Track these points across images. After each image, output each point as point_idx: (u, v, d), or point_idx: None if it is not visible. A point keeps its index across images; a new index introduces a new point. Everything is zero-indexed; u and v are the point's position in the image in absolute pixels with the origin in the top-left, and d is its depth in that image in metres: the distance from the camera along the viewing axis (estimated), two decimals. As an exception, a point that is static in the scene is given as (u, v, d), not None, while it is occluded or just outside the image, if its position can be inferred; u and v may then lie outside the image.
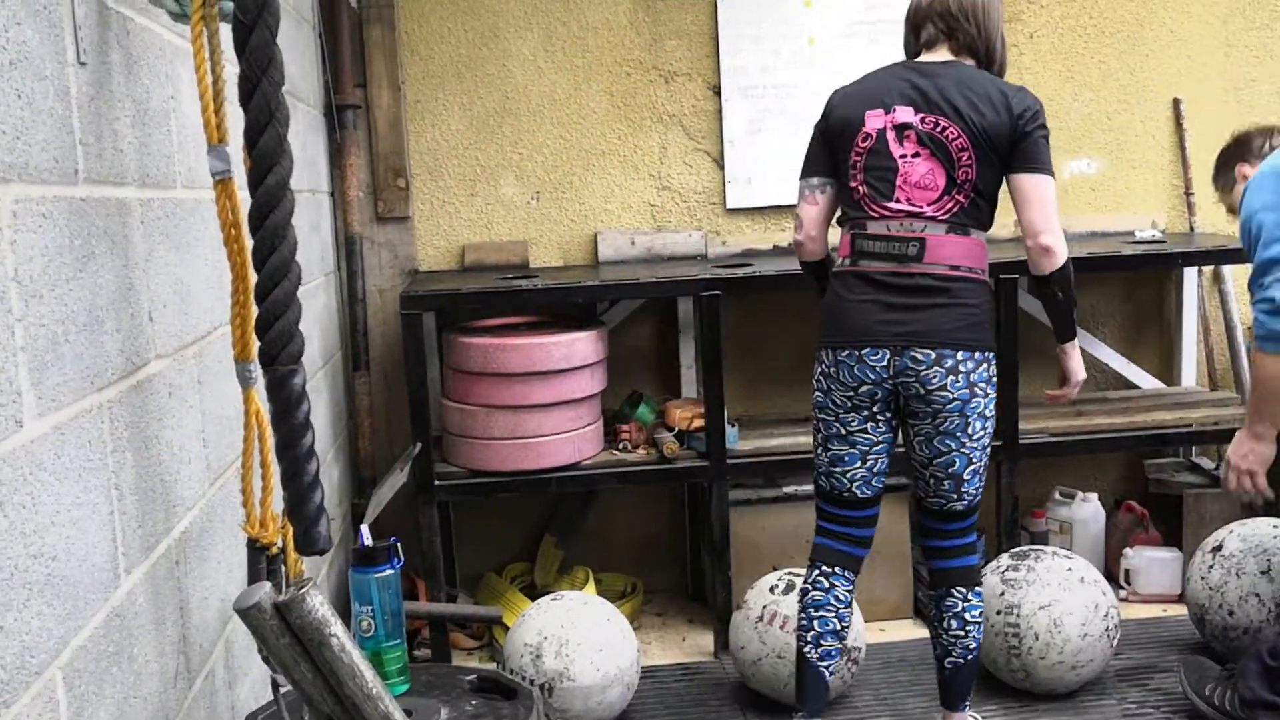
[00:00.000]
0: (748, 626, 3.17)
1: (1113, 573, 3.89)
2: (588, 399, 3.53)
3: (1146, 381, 4.23)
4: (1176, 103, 4.21)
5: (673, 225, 4.07)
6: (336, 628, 1.51)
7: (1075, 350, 2.79)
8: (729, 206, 4.08)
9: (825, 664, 2.70)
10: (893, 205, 2.59)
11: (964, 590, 2.71)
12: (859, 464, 2.69)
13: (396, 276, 3.95)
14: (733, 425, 3.63)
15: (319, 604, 1.50)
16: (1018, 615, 3.10)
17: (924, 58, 2.69)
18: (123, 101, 1.66)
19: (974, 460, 2.64)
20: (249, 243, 1.62)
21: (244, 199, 1.62)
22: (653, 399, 3.80)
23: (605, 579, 3.98)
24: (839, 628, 2.71)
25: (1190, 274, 4.18)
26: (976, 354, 2.59)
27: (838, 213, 2.74)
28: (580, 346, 3.46)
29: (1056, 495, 4.05)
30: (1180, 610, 3.73)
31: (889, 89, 2.64)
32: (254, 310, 1.62)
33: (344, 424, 3.81)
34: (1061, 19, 4.16)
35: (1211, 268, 4.23)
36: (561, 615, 3.11)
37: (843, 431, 2.68)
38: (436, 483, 3.47)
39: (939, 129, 2.57)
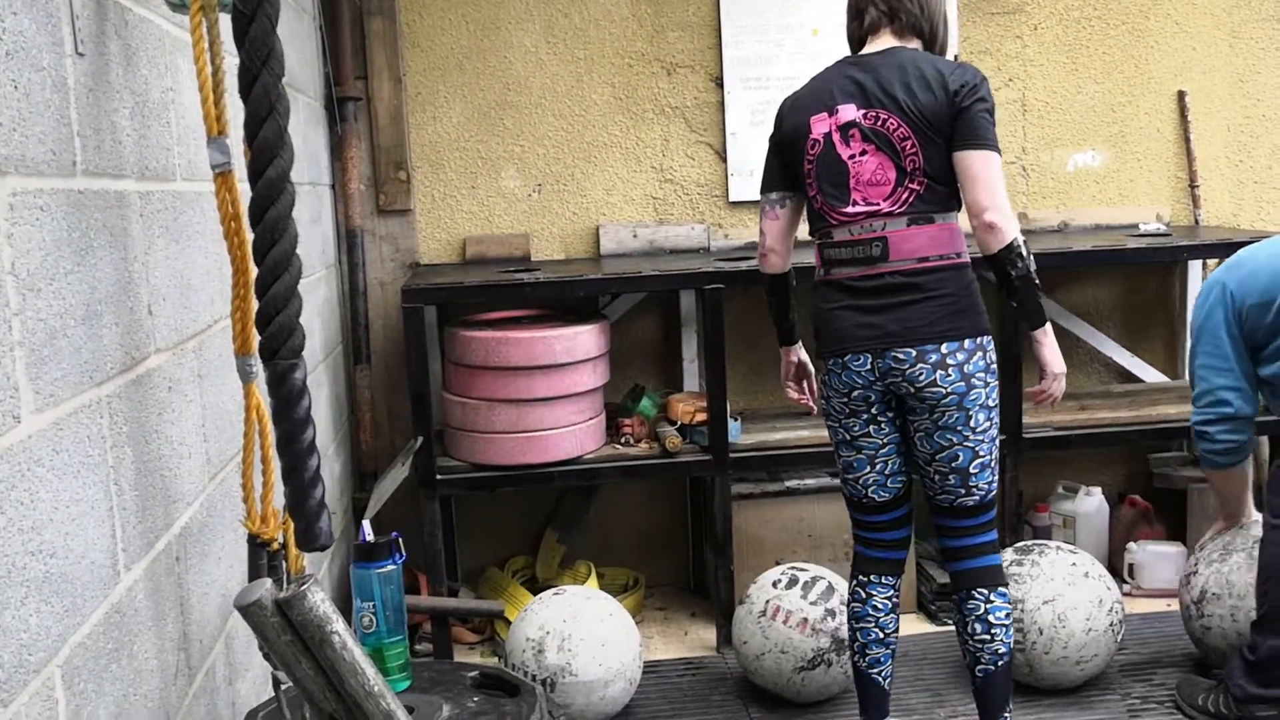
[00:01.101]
0: (750, 621, 3.16)
1: (1116, 567, 3.88)
2: (590, 393, 3.52)
3: (1150, 375, 4.22)
4: (1181, 95, 4.19)
5: (675, 218, 4.05)
6: (338, 624, 1.50)
7: (1048, 339, 2.61)
8: (731, 199, 4.06)
9: (875, 670, 2.70)
10: (850, 209, 2.57)
11: (985, 591, 2.61)
12: (868, 468, 2.67)
13: (398, 270, 3.93)
14: (735, 419, 3.61)
15: (320, 600, 1.48)
16: (1021, 610, 3.09)
17: (868, 48, 2.64)
18: (121, 93, 1.64)
19: (979, 453, 2.58)
20: (249, 236, 1.60)
21: (244, 191, 1.61)
22: (655, 393, 3.78)
23: (607, 573, 3.97)
24: (882, 635, 2.69)
25: (1195, 267, 4.17)
26: (966, 342, 2.51)
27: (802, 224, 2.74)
28: (582, 340, 3.44)
29: (1060, 489, 4.03)
30: (1184, 605, 3.72)
31: (830, 90, 2.60)
32: (254, 304, 1.61)
33: (345, 418, 3.79)
34: (1066, 10, 4.14)
35: (1216, 260, 4.21)
36: (564, 610, 3.10)
37: (848, 437, 2.68)
38: (438, 477, 3.46)
39: (879, 122, 2.54)
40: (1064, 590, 3.10)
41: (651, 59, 3.98)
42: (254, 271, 1.60)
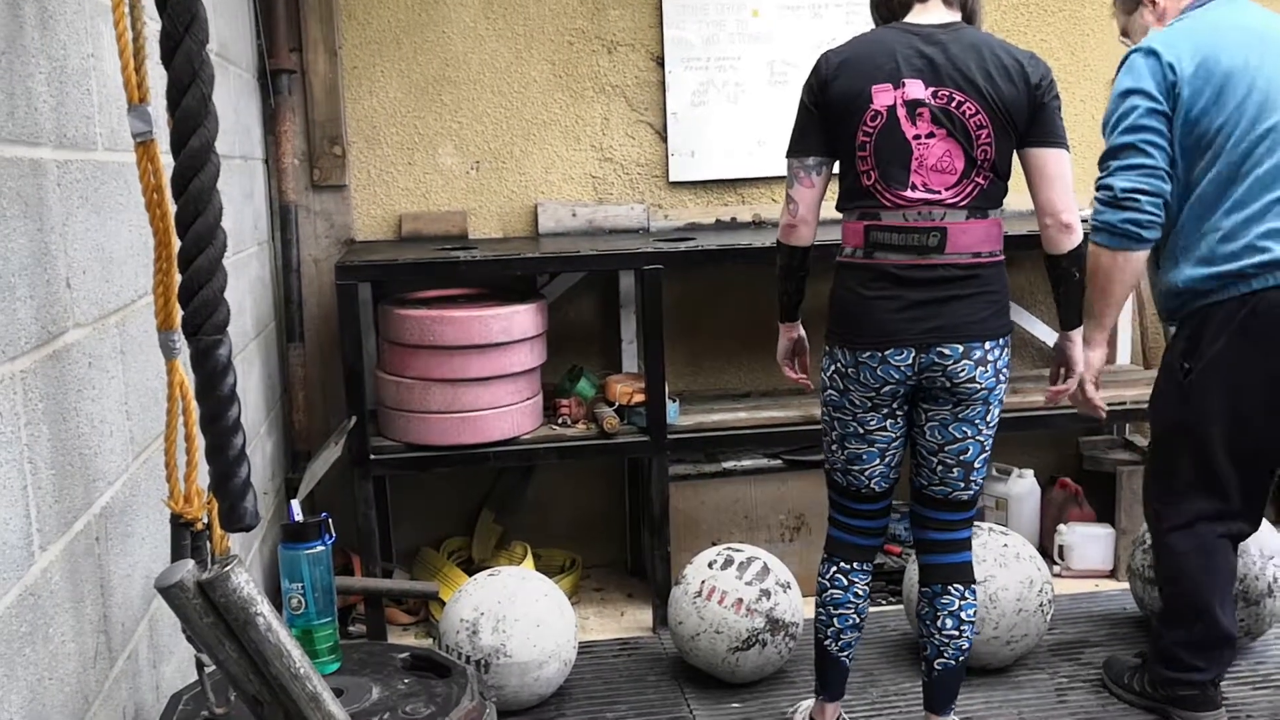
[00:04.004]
0: (686, 601, 3.16)
1: (1047, 548, 3.94)
2: (527, 373, 3.49)
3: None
4: (1116, 83, 4.24)
5: (614, 198, 4.02)
6: (262, 606, 1.47)
7: (1080, 339, 2.65)
8: (672, 179, 4.04)
9: (845, 654, 2.71)
10: (908, 194, 2.41)
11: (961, 588, 2.60)
12: (878, 461, 2.59)
13: (332, 246, 3.87)
14: (673, 400, 3.61)
15: (244, 582, 1.45)
16: (954, 590, 3.12)
17: (919, 17, 2.46)
18: (37, 58, 1.58)
19: (986, 448, 2.56)
20: (172, 208, 1.56)
21: (168, 162, 1.57)
22: (593, 373, 3.76)
23: (544, 554, 3.95)
24: (858, 620, 2.69)
25: (1126, 253, 4.22)
26: (1001, 340, 2.50)
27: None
28: (519, 320, 3.41)
29: (993, 471, 4.08)
30: (1112, 585, 3.79)
31: (895, 59, 2.41)
32: (177, 278, 1.57)
33: (278, 397, 3.73)
34: (1004, -4, 4.17)
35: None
36: (498, 591, 3.08)
37: (861, 431, 2.56)
38: (372, 457, 3.42)
39: (954, 104, 2.39)
40: (996, 571, 3.13)
41: (592, 36, 3.95)
42: (177, 244, 1.56)
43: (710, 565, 3.19)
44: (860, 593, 2.69)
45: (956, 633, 2.61)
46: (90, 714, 1.66)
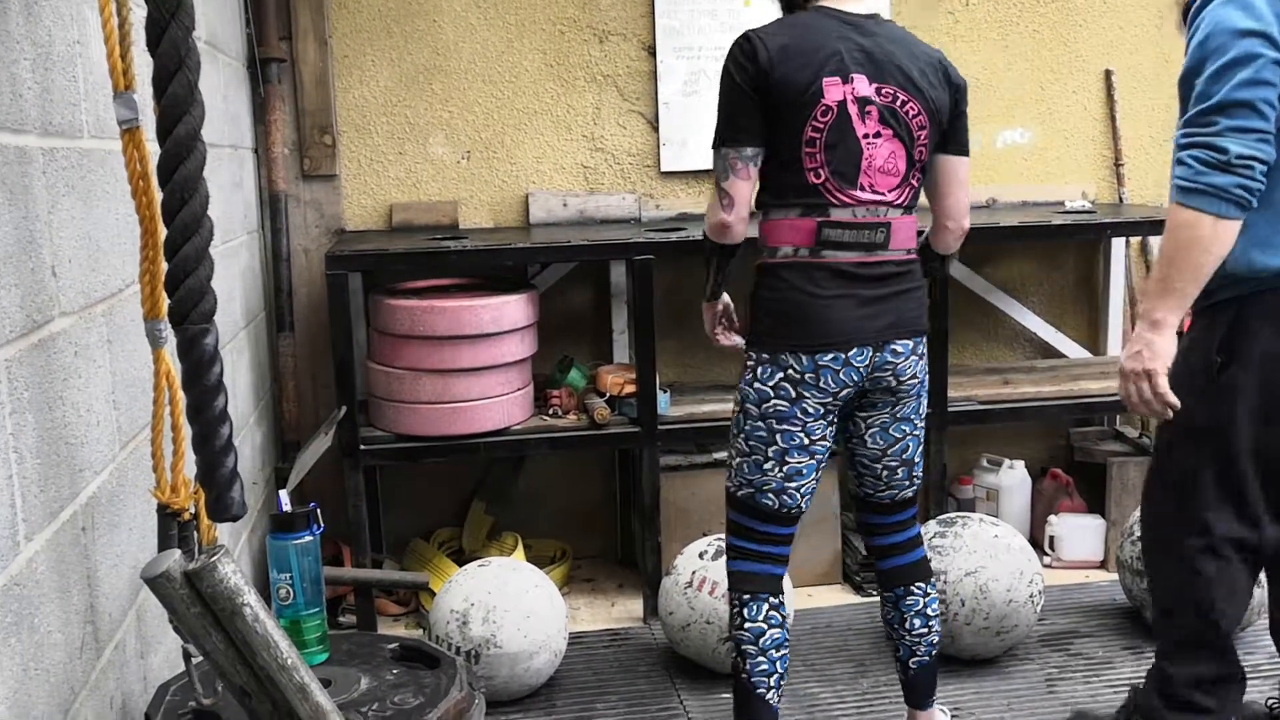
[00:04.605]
0: (676, 592, 3.16)
1: (1037, 539, 3.94)
2: (518, 363, 3.48)
3: (1073, 350, 4.28)
4: (1108, 74, 4.24)
5: (606, 188, 4.01)
6: (249, 597, 1.46)
7: None
8: (663, 169, 4.03)
9: (779, 706, 2.49)
10: (857, 193, 2.34)
11: (924, 585, 2.59)
12: (814, 473, 2.44)
13: (322, 236, 3.85)
14: (664, 391, 3.60)
15: (230, 572, 1.45)
16: (944, 581, 3.13)
17: (841, 4, 2.39)
18: (22, 44, 1.57)
19: (921, 440, 2.55)
20: (158, 195, 1.55)
21: (154, 150, 1.56)
22: (584, 364, 3.76)
23: (535, 545, 3.95)
24: (788, 661, 2.51)
25: (1118, 244, 4.23)
26: (925, 334, 2.51)
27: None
28: (510, 310, 3.41)
29: (984, 463, 4.09)
30: (1102, 576, 3.80)
31: (837, 50, 2.32)
32: (164, 266, 1.56)
33: (267, 386, 3.72)
34: (997, -13, 4.16)
35: (1139, 239, 4.28)
36: (489, 581, 3.07)
37: (806, 441, 2.40)
38: (362, 447, 3.41)
39: (898, 104, 2.34)
40: (986, 562, 3.14)
41: (583, 26, 3.93)
42: (163, 233, 1.55)
43: (701, 556, 3.19)
44: (788, 625, 2.51)
45: (926, 629, 2.60)
46: (77, 704, 1.66)
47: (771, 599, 2.46)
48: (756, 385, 2.40)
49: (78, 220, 1.78)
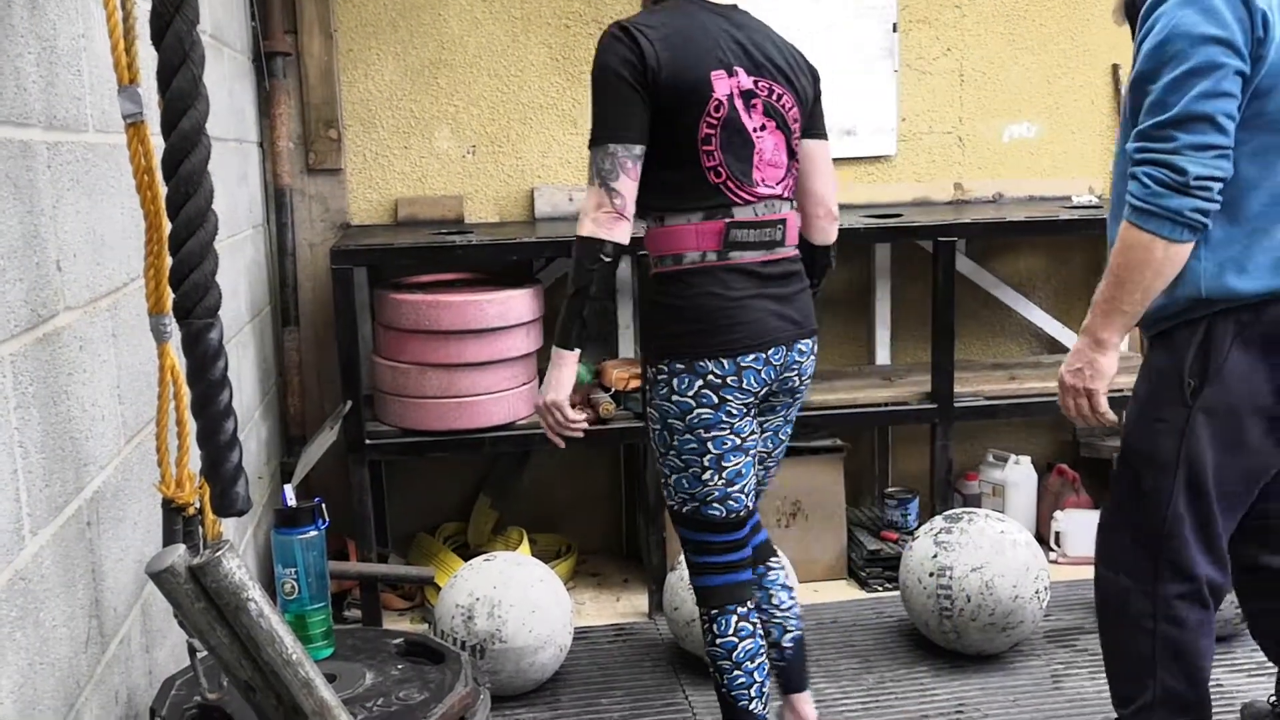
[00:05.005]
0: (682, 587, 3.16)
1: (1044, 535, 3.94)
2: (523, 358, 3.48)
3: (1080, 346, 4.26)
4: (1115, 69, 4.22)
5: (611, 182, 4.00)
6: (254, 592, 1.46)
7: None
8: (669, 164, 4.02)
9: (766, 706, 2.42)
10: (755, 189, 2.29)
11: (775, 559, 2.61)
12: (751, 470, 2.38)
13: (328, 230, 3.85)
14: (670, 386, 3.59)
15: (235, 567, 1.44)
16: (950, 577, 3.12)
17: None
18: (26, 38, 1.56)
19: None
20: (163, 190, 1.54)
21: (158, 144, 1.55)
22: (589, 359, 3.75)
23: (540, 539, 3.95)
24: (767, 666, 2.44)
25: (1125, 240, 4.21)
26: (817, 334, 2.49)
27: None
28: (515, 304, 3.40)
29: (990, 458, 4.08)
30: (1108, 572, 3.78)
31: (719, 43, 2.25)
32: (168, 261, 1.56)
33: (273, 381, 3.72)
34: (1004, -19, 4.15)
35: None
36: (494, 576, 3.07)
37: (739, 441, 2.33)
38: (368, 442, 3.41)
39: (775, 97, 2.30)
40: (992, 558, 3.13)
41: (589, 19, 3.92)
42: (168, 227, 1.55)
43: (706, 551, 3.18)
44: (762, 634, 2.44)
45: (791, 600, 2.60)
46: (82, 698, 1.66)
47: (739, 609, 2.39)
48: (675, 398, 2.30)
49: (82, 214, 1.78)
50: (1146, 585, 2.22)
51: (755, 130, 2.28)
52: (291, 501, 2.01)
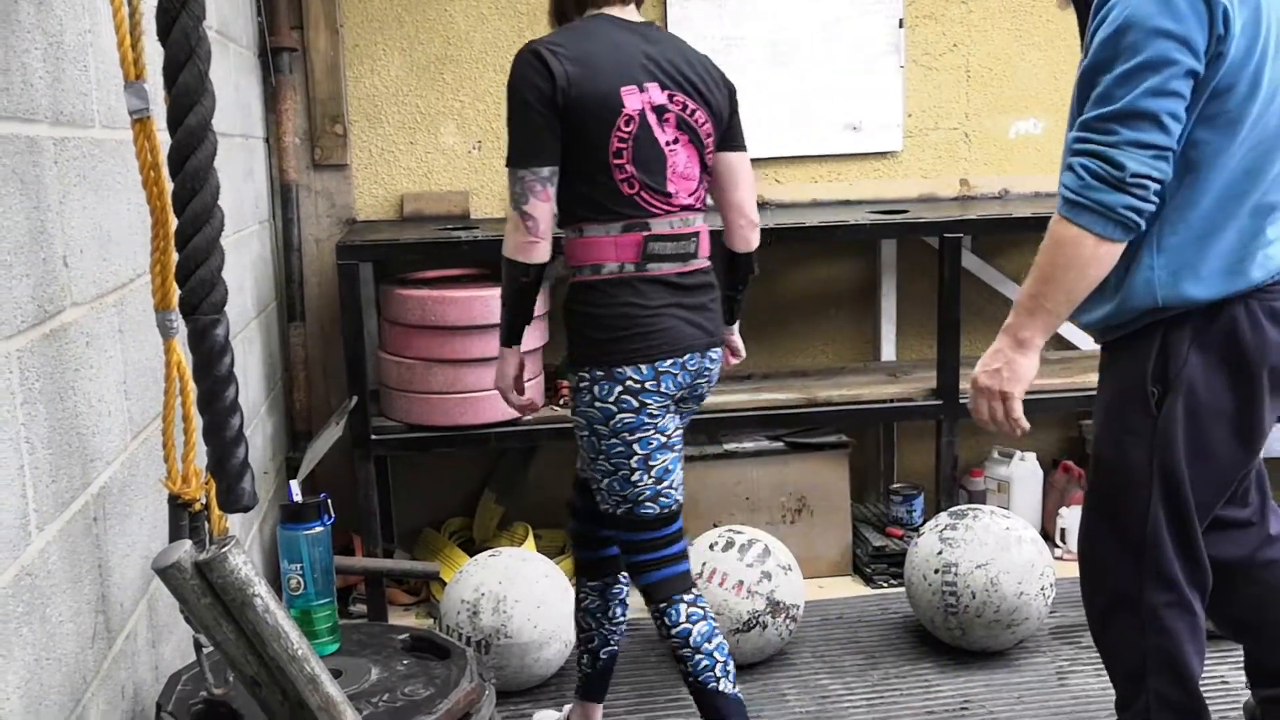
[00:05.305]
0: (687, 584, 3.16)
1: (1049, 531, 3.93)
2: (528, 354, 3.47)
3: (1086, 342, 4.26)
4: (1123, 64, 4.20)
5: (617, 178, 4.00)
6: (260, 587, 1.46)
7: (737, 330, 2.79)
8: (674, 160, 4.01)
9: (735, 685, 2.43)
10: (671, 200, 2.36)
11: (625, 575, 2.61)
12: (679, 465, 2.46)
13: (333, 226, 3.85)
14: (675, 382, 3.59)
15: (241, 563, 1.45)
16: (955, 574, 3.12)
17: (618, 11, 2.39)
18: (33, 33, 1.56)
19: None
20: (169, 186, 1.55)
21: (165, 140, 1.55)
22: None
23: (545, 535, 3.95)
24: (727, 644, 2.48)
25: (1132, 236, 4.20)
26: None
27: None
28: (521, 300, 3.40)
29: (995, 454, 4.07)
30: (1113, 569, 3.78)
31: (630, 59, 2.32)
32: (174, 257, 1.56)
33: (279, 376, 3.72)
34: (1011, -24, 4.14)
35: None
36: (500, 571, 3.07)
37: (663, 439, 2.40)
38: (373, 437, 3.41)
39: (688, 111, 2.37)
40: (997, 554, 3.13)
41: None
42: (174, 223, 1.55)
43: (711, 547, 3.19)
44: (713, 615, 2.49)
45: (623, 619, 2.69)
46: (88, 693, 1.66)
47: (685, 597, 2.44)
48: (597, 404, 2.35)
49: (89, 210, 1.78)
50: (1132, 597, 2.18)
51: (668, 144, 2.35)
52: (297, 497, 2.02)
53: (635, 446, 2.37)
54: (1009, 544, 3.15)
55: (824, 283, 4.19)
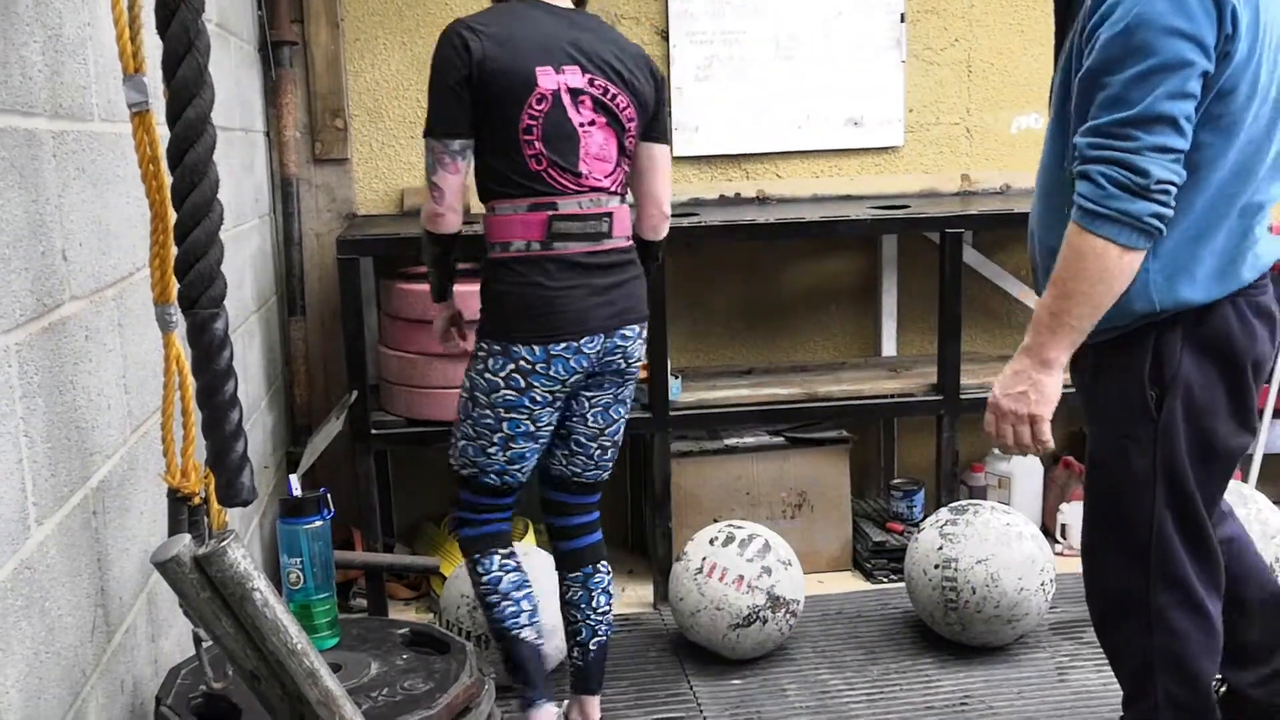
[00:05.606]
0: (687, 578, 3.16)
1: (1049, 527, 3.93)
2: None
3: (1087, 338, 4.25)
4: (1124, 59, 4.20)
5: (618, 173, 4.00)
6: (259, 582, 1.46)
7: None
8: (676, 154, 4.01)
9: (542, 641, 2.60)
10: (579, 180, 2.43)
11: (605, 564, 2.70)
12: (536, 456, 2.57)
13: (334, 220, 3.85)
14: (675, 377, 3.59)
15: (240, 557, 1.45)
16: (955, 569, 3.12)
17: None
18: (31, 26, 1.56)
19: (625, 422, 2.67)
20: (168, 179, 1.54)
21: (164, 133, 1.55)
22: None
23: (545, 530, 3.94)
24: (536, 599, 2.62)
25: (1133, 231, 4.19)
26: (647, 320, 2.62)
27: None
28: (522, 295, 3.39)
29: (995, 450, 4.07)
30: (1114, 564, 3.78)
31: (549, 42, 2.40)
32: (174, 251, 1.56)
33: (279, 371, 3.72)
34: (1013, -29, 4.13)
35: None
36: (499, 567, 3.07)
37: (533, 429, 2.49)
38: (373, 432, 3.41)
39: (609, 95, 2.44)
40: (997, 550, 3.12)
41: (595, 9, 3.89)
42: (173, 217, 1.54)
43: (711, 542, 3.19)
44: (526, 569, 2.64)
45: (608, 608, 2.70)
46: (88, 687, 1.66)
47: (500, 550, 2.59)
48: (487, 375, 2.46)
49: (88, 204, 1.78)
50: (1140, 599, 2.14)
51: (582, 125, 2.42)
52: (297, 491, 2.02)
53: (505, 425, 2.48)
54: (1009, 539, 3.15)
55: (825, 278, 4.19)
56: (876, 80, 4.05)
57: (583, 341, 2.44)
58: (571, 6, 2.51)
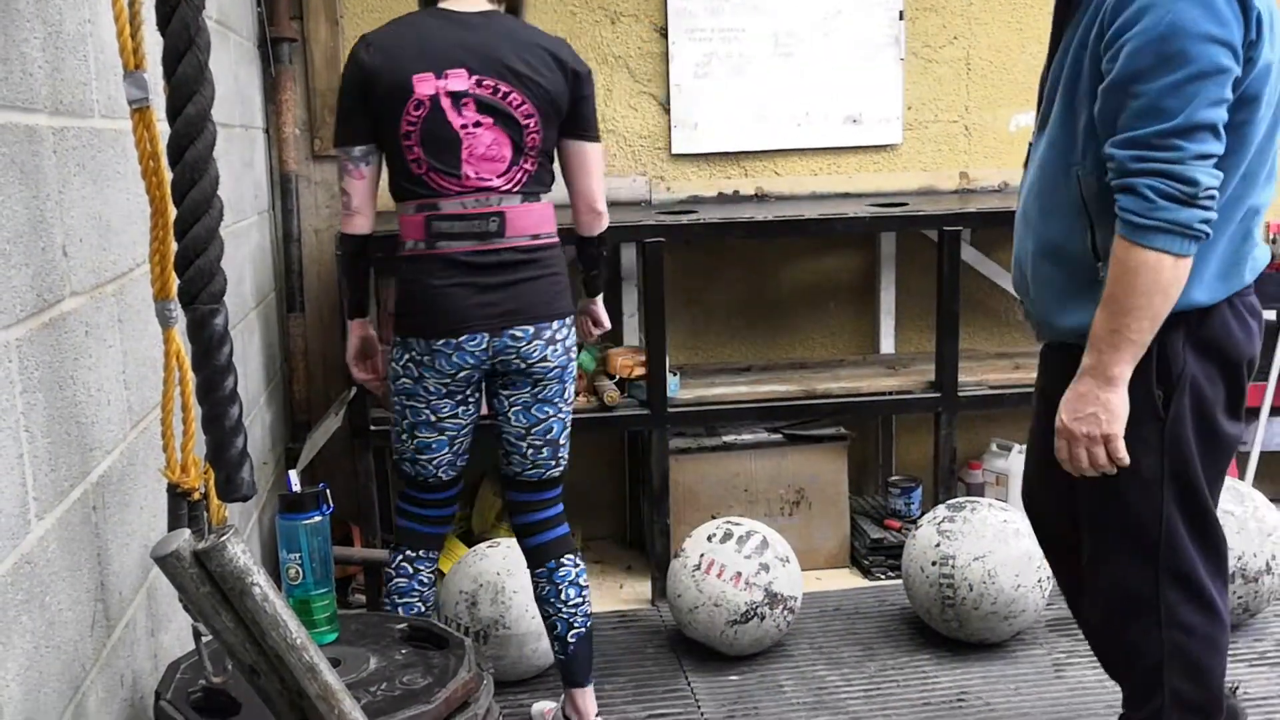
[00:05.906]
0: (685, 575, 3.17)
1: (1046, 524, 3.94)
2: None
3: (1085, 336, 4.26)
4: (1123, 57, 4.20)
5: (616, 170, 4.00)
6: (258, 576, 1.47)
7: (601, 301, 2.93)
8: (674, 152, 4.02)
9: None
10: (461, 183, 2.47)
11: (571, 557, 2.71)
12: (446, 450, 2.62)
13: (333, 216, 3.85)
14: (674, 374, 3.60)
15: (240, 552, 1.45)
16: (952, 566, 3.13)
17: (455, 4, 2.51)
18: (31, 22, 1.56)
19: (568, 424, 2.68)
20: (168, 176, 1.55)
21: (164, 130, 1.55)
22: (594, 346, 3.76)
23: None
24: (424, 610, 2.67)
25: (1131, 229, 4.20)
26: (568, 318, 2.60)
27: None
28: (520, 291, 3.39)
29: (993, 447, 4.08)
30: (1111, 561, 3.79)
31: (436, 49, 2.45)
32: (174, 247, 1.56)
33: (278, 367, 3.72)
34: (1012, -31, 4.13)
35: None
36: (498, 562, 3.08)
37: (433, 419, 2.58)
38: (372, 428, 3.41)
39: (499, 95, 2.45)
40: (994, 546, 3.13)
41: (595, 7, 3.91)
42: (173, 213, 1.55)
43: (709, 539, 3.19)
44: (425, 581, 2.68)
45: (580, 599, 2.69)
46: (88, 681, 1.67)
47: (409, 551, 2.68)
48: (393, 364, 2.60)
49: (88, 200, 1.78)
50: (1150, 597, 2.13)
51: (464, 127, 2.45)
52: (296, 487, 2.02)
53: (408, 413, 2.59)
54: (1006, 536, 3.16)
55: (823, 275, 4.19)
56: (875, 78, 4.06)
57: (463, 339, 2.49)
58: (478, 10, 2.51)
